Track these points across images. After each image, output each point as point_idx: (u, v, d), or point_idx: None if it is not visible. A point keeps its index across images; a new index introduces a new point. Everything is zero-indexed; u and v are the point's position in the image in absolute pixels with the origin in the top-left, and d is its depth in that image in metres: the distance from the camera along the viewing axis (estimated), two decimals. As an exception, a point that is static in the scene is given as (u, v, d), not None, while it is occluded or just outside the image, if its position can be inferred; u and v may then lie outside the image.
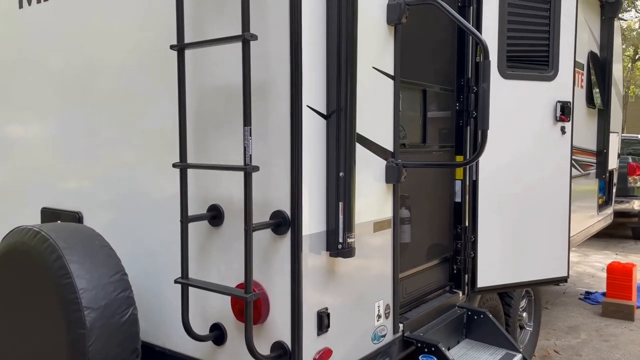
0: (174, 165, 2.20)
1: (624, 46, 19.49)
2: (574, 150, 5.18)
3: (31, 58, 3.15)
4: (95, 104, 2.81)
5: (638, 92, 24.66)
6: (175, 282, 2.22)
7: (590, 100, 5.53)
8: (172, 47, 2.18)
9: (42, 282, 2.11)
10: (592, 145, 5.81)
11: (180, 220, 2.20)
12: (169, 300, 2.53)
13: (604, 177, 5.99)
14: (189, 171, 2.35)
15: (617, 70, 6.55)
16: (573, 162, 5.20)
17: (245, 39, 1.95)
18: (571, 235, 5.13)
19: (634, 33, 24.31)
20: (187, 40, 2.21)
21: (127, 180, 2.70)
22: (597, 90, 5.75)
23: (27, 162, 3.25)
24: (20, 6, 3.15)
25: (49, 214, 3.04)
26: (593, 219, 6.02)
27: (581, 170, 5.42)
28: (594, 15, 5.63)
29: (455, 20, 2.40)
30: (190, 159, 2.36)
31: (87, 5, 2.79)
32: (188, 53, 2.27)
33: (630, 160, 9.82)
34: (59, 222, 2.79)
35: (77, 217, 2.89)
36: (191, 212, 2.35)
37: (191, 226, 2.36)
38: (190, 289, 2.29)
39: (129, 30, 2.62)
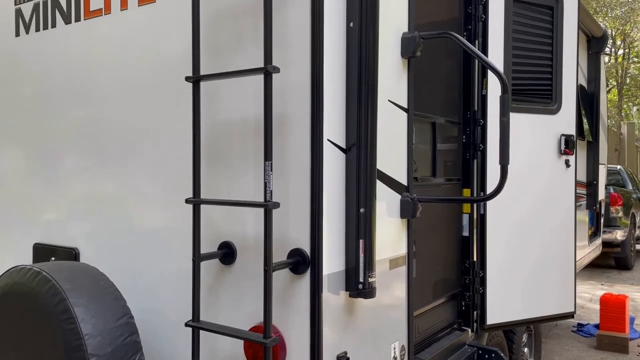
0: (187, 201, 2.09)
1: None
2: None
3: (27, 88, 3.03)
4: (96, 136, 2.70)
5: (609, 124, 25.39)
6: (186, 325, 2.08)
7: (580, 133, 5.60)
8: (187, 79, 2.09)
9: (44, 327, 1.95)
10: (583, 177, 5.87)
11: (192, 259, 2.08)
12: (172, 342, 2.39)
13: (594, 208, 6.04)
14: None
15: (603, 101, 6.68)
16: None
17: (268, 71, 1.88)
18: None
19: (605, 67, 25.15)
20: (202, 72, 2.13)
21: (128, 214, 2.57)
22: (587, 122, 5.84)
23: (18, 194, 3.09)
24: (17, 34, 3.04)
25: (42, 251, 2.88)
26: (585, 251, 6.03)
27: (573, 202, 5.44)
28: (581, 49, 5.75)
29: (473, 54, 2.39)
30: (201, 194, 2.26)
31: (91, 34, 2.71)
32: (203, 85, 2.19)
33: (612, 191, 9.98)
34: (57, 261, 2.64)
35: (73, 254, 2.74)
36: (201, 250, 2.23)
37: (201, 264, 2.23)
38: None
39: (137, 60, 2.53)
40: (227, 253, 2.22)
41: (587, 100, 5.90)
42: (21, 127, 3.07)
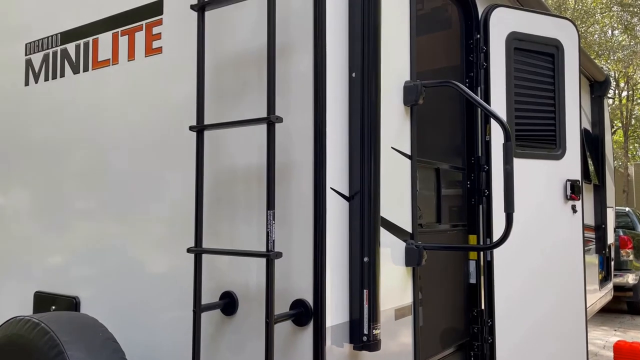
0: (189, 250, 2.07)
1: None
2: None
3: (34, 136, 3.07)
4: (99, 183, 2.71)
5: (616, 165, 25.35)
6: (186, 379, 2.03)
7: (586, 176, 5.58)
8: (191, 128, 2.11)
9: (39, 382, 1.91)
10: (591, 221, 5.81)
11: (193, 310, 2.04)
12: (172, 396, 2.32)
13: (603, 252, 5.95)
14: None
15: (608, 143, 6.68)
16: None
17: (271, 121, 1.89)
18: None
19: (609, 108, 25.34)
20: (206, 121, 2.16)
21: (129, 263, 2.55)
22: (592, 165, 5.82)
23: (21, 241, 3.08)
24: (27, 83, 3.10)
25: (43, 299, 2.84)
26: (596, 296, 5.90)
27: (582, 246, 5.37)
28: (584, 93, 5.80)
29: (475, 102, 2.40)
30: (203, 243, 2.24)
31: (98, 83, 2.76)
32: (207, 132, 2.20)
33: (622, 234, 9.85)
34: (57, 311, 2.60)
35: (74, 303, 2.70)
36: (202, 300, 2.19)
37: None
38: (201, 385, 2.10)
39: (142, 108, 2.57)
40: (228, 303, 2.18)
41: (592, 144, 5.90)
42: (27, 174, 3.09)
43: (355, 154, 2.11)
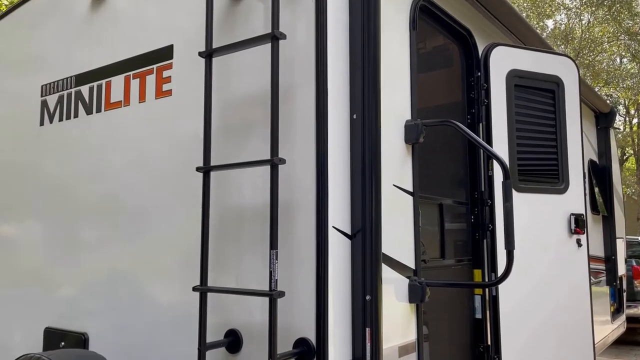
0: (194, 289, 2.12)
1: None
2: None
3: (47, 172, 3.16)
4: (108, 220, 2.78)
5: (629, 192, 25.13)
6: (191, 417, 2.05)
7: (594, 207, 5.57)
8: (198, 169, 2.19)
9: (47, 421, 1.94)
10: (600, 252, 5.77)
11: (198, 349, 2.08)
12: None
13: (614, 284, 5.89)
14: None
15: (616, 174, 6.67)
16: (584, 269, 5.14)
17: (274, 163, 1.96)
18: (589, 346, 4.94)
19: (620, 135, 25.30)
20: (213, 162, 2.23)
21: (137, 302, 2.60)
22: (600, 196, 5.81)
23: (32, 276, 3.14)
24: (42, 124, 3.21)
25: (52, 335, 2.89)
26: (609, 328, 5.82)
27: (592, 278, 5.33)
28: (589, 125, 5.84)
29: (473, 140, 2.46)
30: (210, 281, 2.29)
31: (110, 123, 2.86)
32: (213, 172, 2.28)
33: (634, 264, 9.72)
34: (66, 349, 2.64)
35: (82, 339, 2.74)
36: (208, 336, 2.23)
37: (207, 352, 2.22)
38: None
39: (152, 147, 2.65)
40: (233, 341, 2.22)
41: (599, 175, 5.90)
42: (40, 209, 3.17)
43: (356, 193, 2.16)
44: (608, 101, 5.96)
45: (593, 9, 23.14)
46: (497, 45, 3.30)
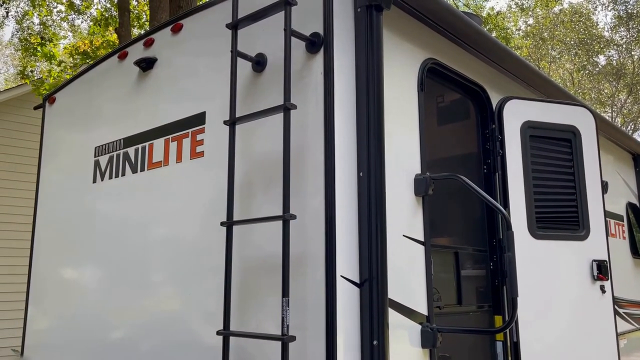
0: (218, 333, 2.35)
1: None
2: (625, 303, 5.03)
3: (99, 225, 3.53)
4: (146, 269, 3.08)
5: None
6: None
7: (635, 251, 5.47)
8: (222, 224, 2.46)
9: None
10: (645, 297, 5.60)
11: (221, 390, 2.29)
12: None
13: (663, 330, 5.66)
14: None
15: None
16: (626, 316, 5.02)
17: (285, 218, 2.20)
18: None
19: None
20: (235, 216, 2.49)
21: (172, 340, 2.85)
22: (642, 240, 5.69)
23: (82, 317, 3.46)
24: (94, 181, 3.61)
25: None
26: (659, 378, 5.57)
27: (636, 324, 5.18)
28: (627, 167, 5.80)
29: (476, 193, 2.62)
30: (233, 326, 2.51)
31: (152, 180, 3.20)
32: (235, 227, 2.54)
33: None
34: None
35: (124, 378, 3.01)
36: (231, 377, 2.44)
37: (231, 392, 2.43)
38: None
39: (183, 205, 2.95)
40: (254, 382, 2.41)
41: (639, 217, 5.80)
42: (91, 258, 3.52)
43: (364, 245, 2.36)
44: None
45: (644, 44, 22.63)
46: (510, 98, 3.47)
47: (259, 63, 2.68)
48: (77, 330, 3.50)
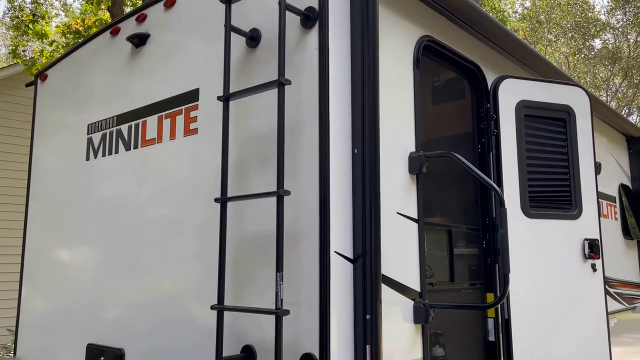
0: (212, 308, 2.37)
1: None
2: (616, 283, 5.10)
3: (92, 202, 3.51)
4: (140, 246, 3.08)
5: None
6: None
7: (627, 232, 5.52)
8: (216, 200, 2.45)
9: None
10: (636, 277, 5.67)
11: (215, 361, 2.31)
12: None
13: (653, 310, 5.75)
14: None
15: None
16: (616, 295, 5.08)
17: (280, 195, 2.20)
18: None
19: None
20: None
21: (167, 317, 2.86)
22: (633, 221, 5.74)
23: (78, 296, 3.47)
24: (87, 159, 3.59)
25: (93, 350, 3.19)
26: (647, 356, 5.66)
27: (626, 304, 5.26)
28: (621, 149, 5.82)
29: (470, 170, 2.62)
30: (228, 301, 2.52)
31: (145, 158, 3.18)
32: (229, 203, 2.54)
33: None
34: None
35: (119, 354, 3.03)
36: (227, 350, 2.46)
37: (225, 366, 2.45)
38: None
39: (177, 182, 2.95)
40: (248, 356, 2.44)
41: (633, 199, 5.84)
42: (84, 235, 3.52)
43: (358, 221, 2.37)
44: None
45: (640, 28, 22.57)
46: (505, 77, 3.46)
47: (253, 38, 2.66)
48: (71, 309, 3.51)
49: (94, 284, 3.38)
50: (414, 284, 2.68)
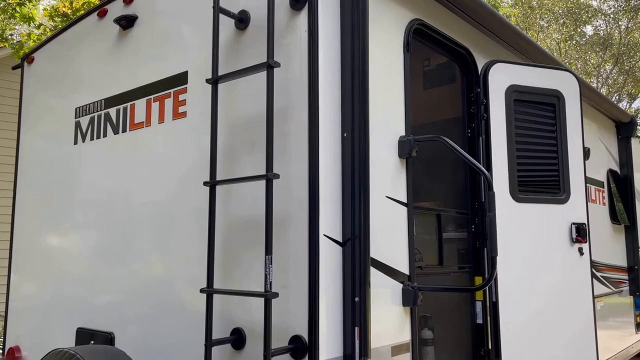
0: (202, 291, 2.37)
1: None
2: (603, 267, 5.16)
3: (81, 186, 3.49)
4: (130, 230, 3.07)
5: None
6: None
7: (614, 217, 5.58)
8: (205, 183, 2.45)
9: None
10: (622, 262, 5.75)
11: (205, 344, 2.32)
12: None
13: (638, 293, 5.84)
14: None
15: (639, 183, 6.61)
16: (603, 279, 5.15)
17: (269, 178, 2.20)
18: (609, 356, 4.94)
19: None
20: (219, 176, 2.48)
21: (155, 304, 2.86)
22: (621, 206, 5.80)
23: (68, 281, 3.46)
24: (75, 142, 3.56)
25: (83, 334, 3.19)
26: (632, 338, 5.77)
27: (612, 288, 5.33)
28: (610, 135, 5.86)
29: (459, 154, 2.63)
30: (219, 285, 2.53)
31: (134, 141, 3.16)
32: (219, 187, 2.53)
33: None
34: (93, 345, 2.93)
35: (109, 338, 3.03)
36: (216, 333, 2.47)
37: (215, 348, 2.46)
38: (211, 413, 2.35)
39: (166, 166, 2.93)
40: (238, 338, 2.45)
41: (621, 185, 5.90)
42: (73, 220, 3.50)
43: (347, 204, 2.37)
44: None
45: (632, 14, 22.60)
46: (496, 62, 3.45)
47: (241, 20, 2.63)
48: (61, 294, 3.50)
49: (83, 268, 3.37)
50: (403, 267, 2.70)
